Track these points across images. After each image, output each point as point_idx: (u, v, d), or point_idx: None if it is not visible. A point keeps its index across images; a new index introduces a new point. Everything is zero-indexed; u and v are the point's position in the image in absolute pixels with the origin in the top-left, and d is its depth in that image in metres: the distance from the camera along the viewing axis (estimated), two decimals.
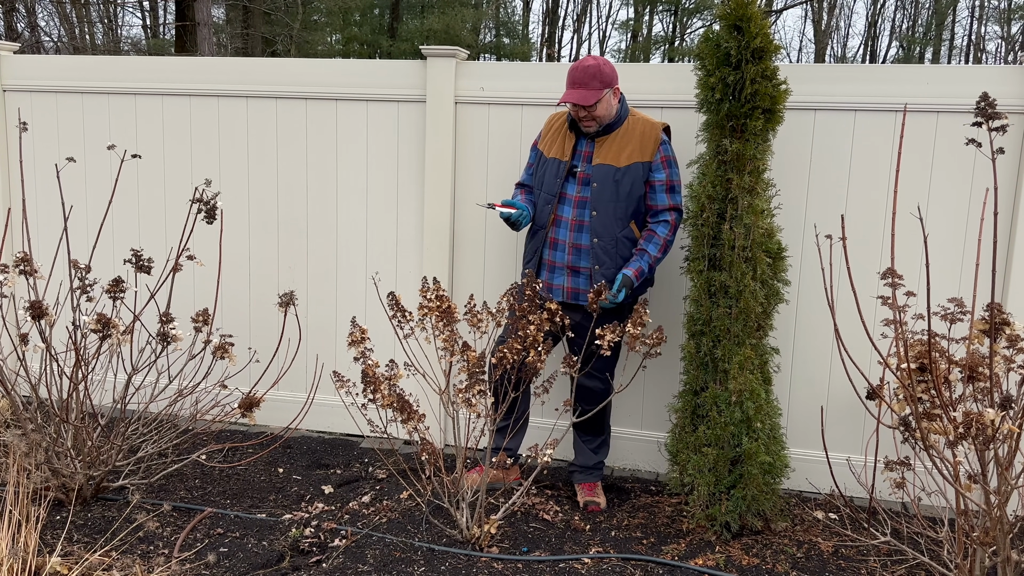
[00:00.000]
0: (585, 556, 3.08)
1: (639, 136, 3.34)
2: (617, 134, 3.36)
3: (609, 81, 3.27)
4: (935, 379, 2.66)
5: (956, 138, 3.44)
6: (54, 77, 4.47)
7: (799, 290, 3.66)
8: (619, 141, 3.35)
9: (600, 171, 3.33)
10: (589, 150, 3.39)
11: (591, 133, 3.36)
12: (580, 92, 3.25)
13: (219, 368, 3.69)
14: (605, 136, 3.36)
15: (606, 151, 3.35)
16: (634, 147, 3.33)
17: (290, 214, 4.27)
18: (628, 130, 3.36)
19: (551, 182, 3.42)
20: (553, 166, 3.42)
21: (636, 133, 3.35)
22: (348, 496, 3.57)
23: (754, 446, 3.13)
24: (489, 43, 26.36)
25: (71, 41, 19.24)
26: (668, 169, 3.35)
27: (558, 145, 3.44)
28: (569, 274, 3.41)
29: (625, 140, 3.34)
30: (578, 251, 3.38)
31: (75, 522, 3.21)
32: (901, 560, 3.11)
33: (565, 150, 3.41)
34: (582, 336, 3.38)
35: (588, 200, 3.35)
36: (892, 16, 31.71)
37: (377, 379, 3.08)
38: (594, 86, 3.25)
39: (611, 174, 3.32)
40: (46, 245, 4.44)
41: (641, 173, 3.33)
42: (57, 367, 3.34)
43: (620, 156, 3.33)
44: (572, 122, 3.42)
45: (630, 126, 3.37)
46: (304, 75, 4.16)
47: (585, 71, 3.26)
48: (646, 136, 3.34)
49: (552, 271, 3.44)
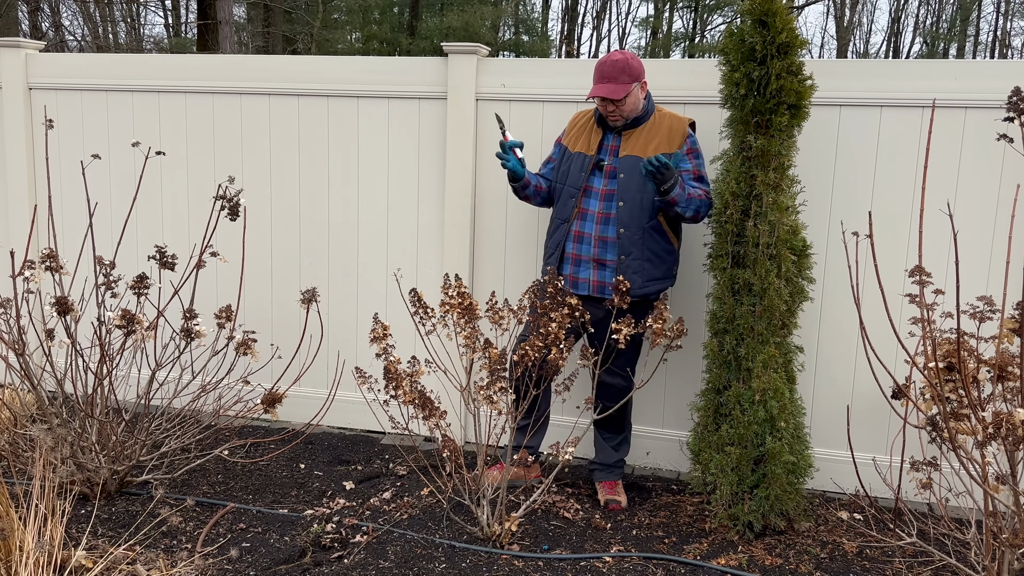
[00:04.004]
0: (606, 555, 3.07)
1: (666, 130, 3.35)
2: (644, 128, 3.37)
3: (637, 75, 3.28)
4: (963, 378, 2.62)
5: (985, 134, 3.39)
6: (79, 75, 4.51)
7: (824, 288, 3.62)
8: (646, 134, 3.35)
9: (627, 162, 3.34)
10: (616, 144, 3.39)
11: (618, 127, 3.37)
12: (609, 86, 3.25)
13: (242, 364, 3.71)
14: (632, 130, 3.37)
15: (633, 143, 3.35)
16: (661, 139, 3.34)
17: (312, 211, 4.28)
18: (655, 124, 3.37)
19: (576, 176, 3.42)
20: (578, 160, 3.42)
21: (664, 127, 3.36)
22: (369, 492, 3.58)
23: (778, 445, 3.10)
24: (508, 40, 26.33)
25: (94, 40, 19.45)
26: (695, 160, 3.36)
27: (584, 140, 3.44)
28: (595, 267, 3.40)
29: (652, 134, 3.35)
30: (604, 244, 3.37)
31: (100, 516, 3.24)
32: (927, 562, 3.07)
33: (591, 145, 3.42)
34: (604, 331, 3.36)
35: (615, 192, 3.35)
36: (916, 12, 31.39)
37: (399, 376, 3.08)
38: (623, 80, 3.26)
39: (638, 164, 3.31)
40: (71, 241, 4.48)
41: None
42: (82, 362, 3.38)
43: (647, 148, 3.33)
44: (599, 118, 3.42)
45: (657, 120, 3.38)
46: (326, 72, 4.17)
47: (614, 65, 3.26)
48: (673, 130, 3.35)
49: (578, 264, 3.43)
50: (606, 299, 3.32)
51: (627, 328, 3.13)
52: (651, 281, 3.37)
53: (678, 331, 3.14)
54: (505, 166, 3.40)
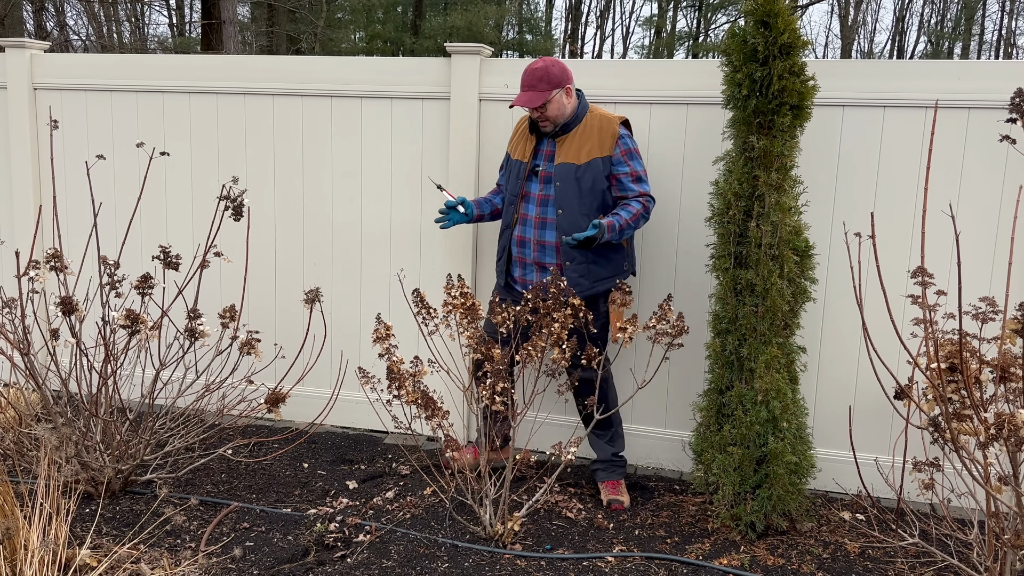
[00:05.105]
0: (609, 554, 3.07)
1: (596, 132, 3.40)
2: (576, 132, 3.42)
3: (557, 82, 3.33)
4: (966, 379, 2.62)
5: (988, 134, 3.38)
6: (84, 75, 4.53)
7: (826, 288, 3.62)
8: (579, 139, 3.41)
9: (562, 170, 3.41)
10: (551, 149, 3.47)
11: (549, 133, 3.44)
12: (528, 95, 3.34)
13: (245, 364, 3.72)
14: (564, 135, 3.44)
15: (566, 149, 3.42)
16: (593, 143, 3.39)
17: (315, 211, 4.29)
18: (586, 127, 3.42)
19: (514, 183, 3.53)
20: (516, 167, 3.53)
21: (594, 129, 3.40)
22: (372, 491, 3.59)
23: (780, 446, 3.11)
24: (512, 40, 26.33)
25: (99, 40, 19.49)
26: (631, 162, 3.40)
27: (521, 147, 3.55)
28: (537, 270, 3.52)
29: (584, 137, 3.41)
30: (543, 248, 3.47)
31: (104, 515, 3.26)
32: (929, 562, 3.07)
33: (526, 152, 3.51)
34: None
35: (551, 198, 3.44)
36: (920, 11, 31.28)
37: (402, 376, 3.09)
38: (541, 88, 3.33)
39: (572, 171, 3.39)
40: (76, 241, 4.50)
41: (601, 168, 3.38)
42: (87, 362, 3.39)
43: (580, 153, 3.39)
44: (532, 123, 3.50)
45: (588, 123, 3.42)
46: (330, 73, 4.18)
47: (533, 74, 3.35)
48: (603, 131, 3.40)
49: (524, 267, 3.55)
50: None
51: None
52: (599, 281, 3.45)
53: (679, 329, 3.15)
54: (446, 227, 3.56)
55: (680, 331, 3.16)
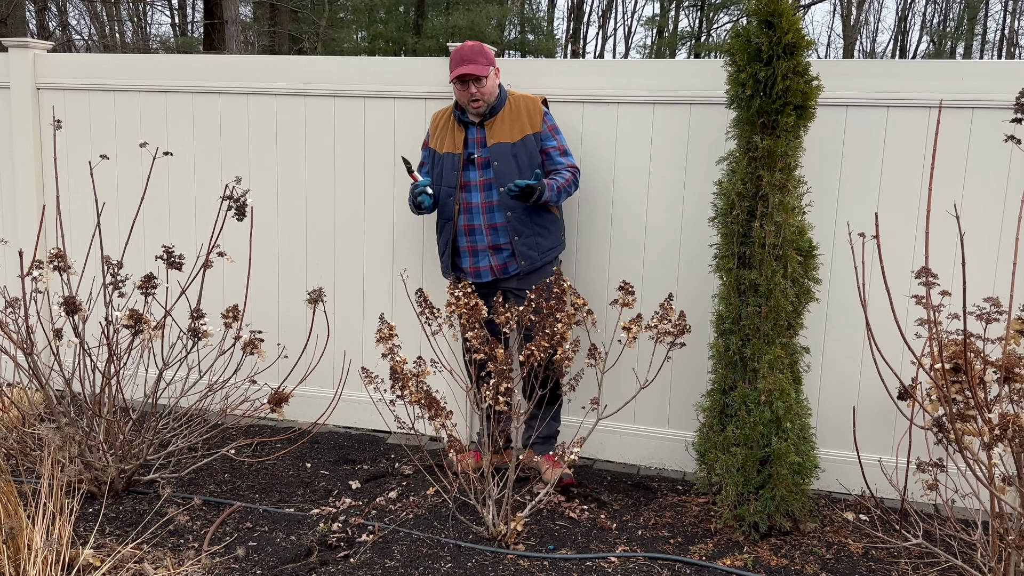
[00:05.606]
0: (612, 555, 3.07)
1: (524, 111, 3.56)
2: (503, 113, 3.56)
3: (491, 60, 3.53)
4: (970, 380, 2.61)
5: (992, 134, 3.38)
6: (86, 75, 4.53)
7: (830, 288, 3.61)
8: (508, 119, 3.54)
9: (497, 149, 3.51)
10: (481, 136, 3.57)
11: (480, 112, 3.52)
12: (472, 66, 3.44)
13: (248, 364, 3.72)
14: (492, 118, 3.56)
15: (497, 130, 3.54)
16: (524, 121, 3.55)
17: (318, 211, 4.29)
18: (512, 108, 3.57)
19: (450, 175, 3.58)
20: (449, 160, 3.59)
21: (521, 109, 3.57)
22: (375, 491, 3.59)
23: (783, 446, 3.10)
24: (514, 39, 26.33)
25: (101, 39, 19.51)
26: (557, 136, 3.59)
27: (449, 140, 3.61)
28: (492, 253, 3.59)
29: (513, 117, 3.55)
30: (495, 230, 3.55)
31: (107, 515, 3.26)
32: (933, 563, 3.07)
33: (456, 143, 3.58)
34: (520, 300, 3.58)
35: (493, 181, 3.54)
36: (923, 10, 31.25)
37: (405, 376, 3.09)
38: (481, 61, 3.46)
39: (508, 150, 3.51)
40: (79, 241, 4.50)
41: (534, 143, 3.54)
42: (90, 362, 3.39)
43: (512, 131, 3.52)
44: (458, 116, 3.58)
45: (513, 104, 3.59)
46: (332, 72, 4.18)
47: (471, 49, 3.50)
48: (531, 110, 3.56)
49: (476, 255, 3.61)
50: (511, 275, 3.56)
51: (635, 327, 3.15)
52: (546, 252, 3.59)
53: (681, 328, 3.14)
54: (423, 206, 3.55)
55: (682, 330, 3.17)
